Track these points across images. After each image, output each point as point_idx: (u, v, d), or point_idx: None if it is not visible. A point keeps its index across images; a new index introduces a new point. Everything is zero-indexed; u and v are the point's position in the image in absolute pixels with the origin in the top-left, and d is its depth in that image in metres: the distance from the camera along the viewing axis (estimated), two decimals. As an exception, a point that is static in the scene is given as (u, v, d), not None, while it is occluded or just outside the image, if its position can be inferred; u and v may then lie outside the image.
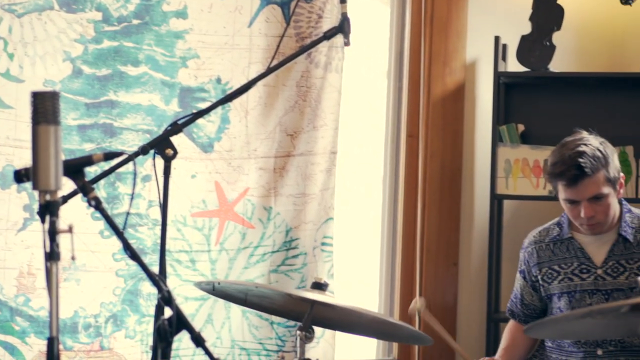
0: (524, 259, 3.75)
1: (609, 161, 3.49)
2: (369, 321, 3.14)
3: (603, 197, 3.48)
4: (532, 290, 3.73)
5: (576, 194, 3.47)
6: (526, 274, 3.74)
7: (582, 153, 3.44)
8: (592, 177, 3.44)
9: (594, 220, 3.50)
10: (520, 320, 3.77)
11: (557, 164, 3.48)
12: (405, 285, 4.66)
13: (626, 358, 3.56)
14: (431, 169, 4.63)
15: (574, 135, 3.58)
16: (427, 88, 4.64)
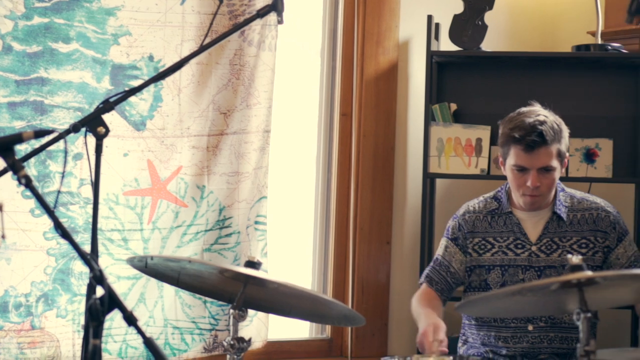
0: (458, 226, 3.77)
1: (563, 136, 3.56)
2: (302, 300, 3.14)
3: (552, 169, 3.53)
4: (465, 257, 3.74)
5: (530, 161, 3.51)
6: (460, 240, 3.75)
7: (543, 122, 3.51)
8: (548, 147, 3.50)
9: (537, 191, 3.55)
10: (437, 288, 3.76)
11: (517, 128, 3.52)
12: (339, 264, 4.68)
13: (556, 334, 3.62)
14: (364, 147, 4.64)
15: (530, 107, 3.63)
16: (361, 67, 4.64)
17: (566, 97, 4.49)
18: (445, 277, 3.78)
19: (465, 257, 3.75)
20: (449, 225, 3.83)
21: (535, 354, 3.63)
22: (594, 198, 3.74)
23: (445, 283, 3.78)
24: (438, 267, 3.80)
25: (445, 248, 3.80)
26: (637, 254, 3.69)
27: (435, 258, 3.84)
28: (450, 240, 3.79)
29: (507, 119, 3.63)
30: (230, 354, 2.93)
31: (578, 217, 3.66)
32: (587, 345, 2.43)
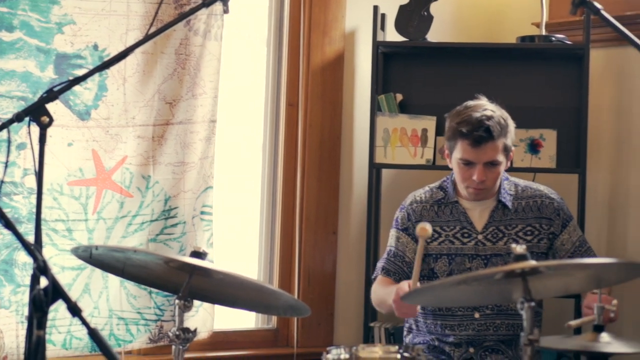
0: (407, 216, 3.79)
1: (509, 131, 3.58)
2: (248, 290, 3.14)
3: (497, 164, 3.56)
4: (416, 245, 3.75)
5: (476, 155, 3.53)
6: (411, 230, 3.77)
7: (490, 117, 3.53)
8: (494, 142, 3.52)
9: (483, 185, 3.57)
10: (395, 278, 3.79)
11: (464, 123, 3.54)
12: (285, 254, 4.68)
13: (502, 321, 3.65)
14: (310, 137, 4.64)
15: (476, 101, 3.65)
16: (307, 57, 4.64)
17: (511, 87, 4.52)
18: (401, 267, 3.80)
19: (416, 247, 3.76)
20: (397, 216, 3.84)
21: (481, 341, 3.65)
22: (537, 186, 3.78)
23: (402, 272, 3.79)
24: (393, 258, 3.82)
25: (397, 239, 3.82)
26: (582, 239, 3.73)
27: (388, 250, 3.86)
28: (401, 231, 3.81)
29: (455, 112, 3.65)
30: (175, 345, 2.93)
31: (523, 205, 3.69)
32: (531, 334, 2.45)
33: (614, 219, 4.60)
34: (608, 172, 4.63)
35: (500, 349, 3.66)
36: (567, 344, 3.03)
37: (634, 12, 4.39)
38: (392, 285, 3.68)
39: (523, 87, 4.53)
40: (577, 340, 3.02)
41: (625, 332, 4.38)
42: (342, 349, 2.79)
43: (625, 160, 4.58)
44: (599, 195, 4.62)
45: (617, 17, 2.94)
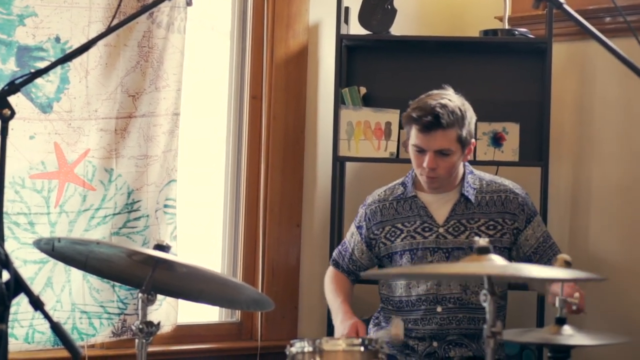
0: (364, 215, 3.80)
1: (466, 122, 3.58)
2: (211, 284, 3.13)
3: (449, 153, 3.56)
4: (366, 248, 3.78)
5: (426, 142, 3.54)
6: (364, 230, 3.78)
7: (443, 105, 3.53)
8: (445, 130, 3.52)
9: (434, 173, 3.58)
10: (342, 271, 3.84)
11: (417, 108, 3.57)
12: (249, 247, 4.67)
13: (464, 315, 3.66)
14: (274, 130, 4.63)
15: (441, 90, 3.67)
16: (271, 50, 4.63)
17: (474, 81, 4.53)
18: (348, 263, 3.83)
19: (366, 248, 3.78)
20: (359, 211, 3.86)
21: (444, 335, 3.67)
22: (502, 180, 3.78)
23: (348, 268, 3.83)
24: (344, 252, 3.86)
25: (351, 235, 3.85)
26: (546, 234, 3.75)
27: (343, 242, 3.90)
28: (356, 227, 3.83)
29: (416, 99, 3.67)
30: (138, 338, 2.91)
31: (487, 199, 3.69)
32: (494, 327, 2.45)
33: (576, 212, 4.63)
34: (570, 165, 4.66)
35: (464, 343, 3.67)
36: (529, 336, 3.04)
37: (596, 6, 4.41)
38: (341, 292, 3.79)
39: (486, 81, 4.55)
40: (539, 332, 3.04)
41: (588, 325, 4.42)
42: (306, 341, 2.80)
43: (587, 153, 4.61)
44: (561, 189, 4.65)
45: (579, 11, 2.95)
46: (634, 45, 2.52)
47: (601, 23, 4.40)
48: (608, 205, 4.54)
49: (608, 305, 4.47)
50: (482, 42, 4.55)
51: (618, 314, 4.47)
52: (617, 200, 4.51)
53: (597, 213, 4.57)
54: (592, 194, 4.58)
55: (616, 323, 4.46)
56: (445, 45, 4.59)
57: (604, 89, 4.55)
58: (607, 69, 4.50)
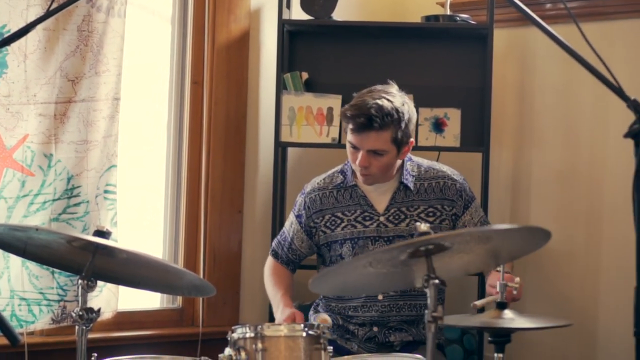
0: (304, 204, 3.78)
1: (402, 124, 3.52)
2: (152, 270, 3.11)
3: (383, 154, 3.53)
4: (306, 236, 3.77)
5: (359, 141, 3.52)
6: (304, 219, 3.77)
7: (379, 107, 3.48)
8: (378, 132, 3.48)
9: (367, 170, 3.57)
10: (282, 262, 3.83)
11: (353, 107, 3.53)
12: (190, 233, 4.65)
13: (405, 302, 3.67)
14: (216, 116, 4.61)
15: (385, 87, 3.62)
16: (212, 35, 4.61)
17: (415, 67, 4.54)
18: (287, 252, 3.82)
19: (306, 237, 3.77)
20: (297, 200, 3.83)
21: (385, 322, 3.67)
22: (440, 166, 3.78)
23: (286, 258, 3.82)
24: (283, 242, 3.84)
25: (291, 224, 3.83)
26: (484, 219, 3.77)
27: (282, 231, 3.88)
28: (295, 217, 3.81)
29: (358, 93, 3.63)
30: (78, 325, 2.89)
31: (425, 186, 3.70)
32: (435, 312, 2.46)
33: (517, 197, 4.67)
34: (511, 151, 4.69)
35: (404, 328, 3.69)
36: (470, 321, 3.06)
37: (536, -7, 4.44)
38: (281, 283, 3.77)
39: (428, 67, 4.56)
40: (480, 317, 3.06)
41: (528, 309, 4.46)
42: (248, 327, 2.79)
43: (527, 139, 4.64)
44: (501, 174, 4.68)
45: (520, -2, 2.97)
46: (574, 31, 2.53)
47: (542, 9, 4.42)
48: (548, 190, 4.58)
49: (548, 289, 4.52)
50: (424, 28, 4.56)
51: (558, 298, 4.52)
52: (556, 186, 4.55)
53: (537, 198, 4.61)
54: (532, 180, 4.62)
55: (556, 307, 4.50)
56: (387, 31, 4.59)
57: (544, 75, 4.59)
58: (548, 55, 4.53)
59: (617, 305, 4.32)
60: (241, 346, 2.78)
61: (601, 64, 2.42)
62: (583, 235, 4.48)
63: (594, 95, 4.38)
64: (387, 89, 3.61)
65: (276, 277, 3.82)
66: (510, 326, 2.93)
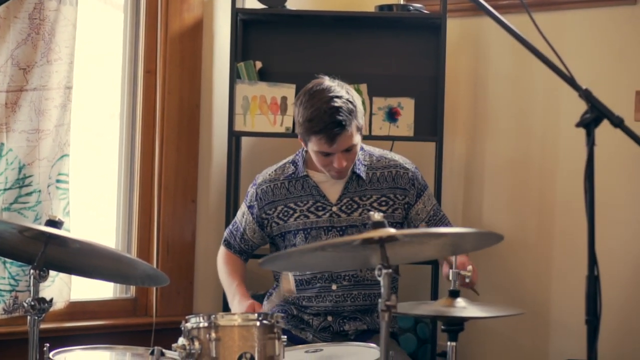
0: (255, 195, 3.77)
1: (358, 111, 3.53)
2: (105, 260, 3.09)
3: (353, 148, 3.54)
4: (258, 227, 3.76)
5: (334, 148, 3.50)
6: (256, 210, 3.76)
7: (338, 108, 3.45)
8: (348, 130, 3.48)
9: (343, 167, 3.57)
10: (235, 251, 3.82)
11: (314, 120, 3.46)
12: (143, 222, 4.63)
13: (359, 291, 3.68)
14: (169, 105, 4.59)
15: (320, 84, 3.55)
16: (165, 23, 4.58)
17: (369, 56, 4.55)
18: (239, 242, 3.81)
19: (258, 228, 3.76)
20: (249, 191, 3.82)
21: (339, 312, 3.68)
22: (392, 155, 3.79)
23: (239, 248, 3.81)
24: (235, 232, 3.83)
25: (243, 214, 3.81)
26: (436, 207, 3.78)
27: (234, 222, 3.86)
28: (247, 207, 3.80)
29: (302, 103, 3.54)
30: (31, 315, 2.87)
31: (377, 175, 3.70)
32: (388, 300, 2.47)
33: (470, 186, 4.69)
34: (464, 140, 4.71)
35: (358, 317, 3.70)
36: (423, 309, 3.07)
37: (489, -17, 4.46)
38: (236, 273, 3.77)
39: (381, 56, 4.57)
40: (433, 305, 3.07)
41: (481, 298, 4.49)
42: (201, 317, 2.78)
43: (480, 129, 4.66)
44: (455, 163, 4.71)
45: (473, -13, 2.98)
46: (526, 21, 2.55)
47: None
48: (500, 179, 4.61)
49: (500, 278, 4.55)
50: (378, 18, 4.57)
51: (510, 287, 4.55)
52: (509, 175, 4.58)
53: (490, 187, 4.64)
54: (485, 168, 4.65)
55: (509, 295, 4.53)
56: (340, 20, 4.59)
57: (497, 65, 4.61)
58: (501, 45, 4.56)
59: (569, 294, 4.36)
60: (195, 336, 2.77)
61: (553, 54, 2.43)
62: (535, 224, 4.51)
63: (546, 85, 4.41)
64: (323, 85, 3.55)
65: (230, 266, 3.82)
66: (463, 315, 2.94)
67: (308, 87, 3.58)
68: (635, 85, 3.84)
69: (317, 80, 3.59)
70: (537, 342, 4.48)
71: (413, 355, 4.34)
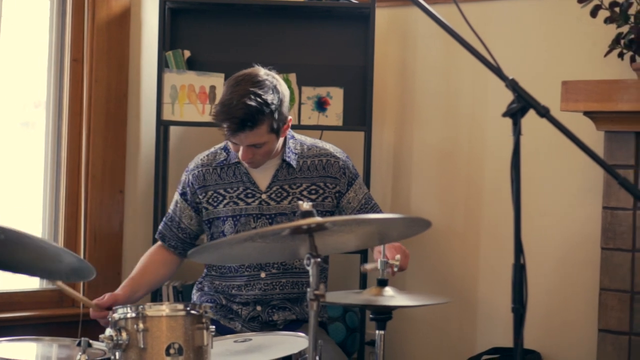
0: (187, 181, 3.75)
1: (275, 114, 3.47)
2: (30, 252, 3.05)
3: (263, 145, 3.51)
4: (194, 213, 3.74)
5: (237, 139, 3.48)
6: (189, 196, 3.74)
7: (247, 107, 3.41)
8: (252, 130, 3.44)
9: (251, 160, 3.55)
10: (170, 245, 3.77)
11: (222, 111, 3.44)
12: (70, 213, 4.59)
13: (287, 280, 3.68)
14: (96, 94, 4.55)
15: (250, 75, 3.51)
16: (92, 12, 4.54)
17: (298, 46, 4.55)
18: (177, 233, 3.77)
19: (194, 214, 3.74)
20: (181, 179, 3.80)
21: (268, 300, 3.68)
22: (323, 144, 3.79)
23: (177, 239, 3.77)
24: (170, 223, 3.79)
25: (176, 203, 3.78)
26: (368, 196, 3.79)
27: (167, 213, 3.83)
28: (180, 195, 3.77)
29: (226, 86, 3.53)
30: (-46, 308, 2.83)
31: (308, 164, 3.70)
32: (317, 289, 2.47)
33: (398, 176, 4.72)
34: (393, 130, 4.73)
35: (287, 307, 3.70)
36: (352, 298, 3.08)
37: (417, -27, 4.47)
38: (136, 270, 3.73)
39: (310, 46, 4.57)
40: (362, 295, 3.08)
41: (409, 286, 4.52)
42: (129, 308, 2.76)
43: (409, 118, 4.69)
44: (383, 153, 4.72)
45: (401, -23, 2.99)
46: (454, 11, 2.56)
47: (423, -10, 4.46)
48: (428, 168, 4.63)
49: (429, 266, 4.58)
50: (307, 7, 4.56)
51: (438, 275, 4.58)
52: (437, 164, 4.61)
53: (418, 176, 4.66)
54: (413, 158, 4.67)
55: (437, 283, 4.57)
56: (270, 9, 4.58)
57: (425, 55, 4.64)
58: (429, 35, 4.58)
59: (496, 282, 4.40)
60: (122, 326, 2.75)
61: (480, 44, 2.45)
62: (463, 213, 4.55)
63: (473, 75, 4.44)
64: (254, 77, 3.51)
65: (142, 261, 3.77)
66: (391, 304, 2.95)
67: (239, 73, 3.55)
68: (562, 76, 3.88)
69: (251, 70, 3.57)
70: (464, 329, 4.52)
71: (342, 344, 4.35)
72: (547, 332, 4.23)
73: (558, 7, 4.21)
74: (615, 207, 3.85)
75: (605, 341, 3.86)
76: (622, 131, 3.81)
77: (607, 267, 3.87)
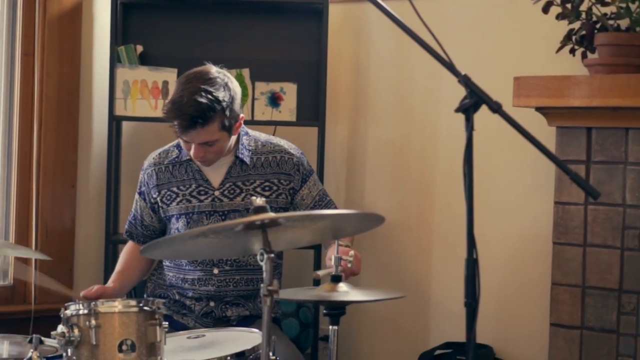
0: (143, 180, 3.75)
1: (227, 111, 3.46)
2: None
3: (214, 143, 3.50)
4: (152, 212, 3.74)
5: (188, 137, 3.47)
6: (146, 195, 3.74)
7: (198, 104, 3.39)
8: (203, 128, 3.43)
9: (203, 159, 3.54)
10: (139, 241, 3.78)
11: (172, 108, 3.42)
12: (21, 208, 4.56)
13: (241, 276, 3.67)
14: (47, 89, 4.52)
15: (202, 73, 3.50)
16: (43, 6, 4.51)
17: (251, 41, 4.54)
18: (142, 231, 3.77)
19: (152, 212, 3.73)
20: (139, 178, 3.79)
21: (221, 297, 3.67)
22: (277, 140, 3.78)
23: (143, 236, 3.77)
24: (134, 221, 3.79)
25: (136, 202, 3.79)
26: (322, 192, 3.79)
27: (130, 212, 3.82)
28: (138, 194, 3.77)
29: (177, 84, 3.53)
30: None
31: (262, 160, 3.70)
32: (270, 285, 2.47)
33: (352, 171, 4.72)
34: (346, 125, 4.73)
35: (241, 303, 3.69)
36: (306, 294, 3.08)
37: (371, -31, 4.48)
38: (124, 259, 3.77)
39: (264, 41, 4.56)
40: (315, 291, 3.08)
41: (362, 282, 4.52)
42: (81, 304, 2.75)
43: (362, 113, 4.69)
44: (337, 148, 4.73)
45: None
46: (407, 7, 2.57)
47: (376, -15, 4.47)
48: (382, 163, 4.64)
49: (382, 262, 4.59)
50: (260, 2, 4.55)
51: (392, 270, 4.59)
52: (390, 159, 4.62)
53: (372, 171, 4.67)
54: (366, 153, 4.68)
55: (390, 278, 4.58)
56: (223, 4, 4.57)
57: (378, 50, 4.64)
58: (382, 31, 4.59)
59: (448, 277, 4.42)
60: (74, 323, 2.74)
61: (433, 40, 2.45)
62: (416, 209, 4.56)
63: (426, 71, 4.45)
64: (205, 75, 3.50)
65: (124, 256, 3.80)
66: (345, 299, 2.96)
67: (190, 71, 3.54)
68: (514, 72, 3.90)
69: (202, 67, 3.55)
70: (418, 324, 4.54)
71: (295, 340, 4.35)
72: (499, 326, 4.25)
73: (510, 4, 4.23)
74: (567, 202, 3.87)
75: (557, 335, 3.89)
76: (573, 127, 3.84)
77: (558, 261, 3.90)
